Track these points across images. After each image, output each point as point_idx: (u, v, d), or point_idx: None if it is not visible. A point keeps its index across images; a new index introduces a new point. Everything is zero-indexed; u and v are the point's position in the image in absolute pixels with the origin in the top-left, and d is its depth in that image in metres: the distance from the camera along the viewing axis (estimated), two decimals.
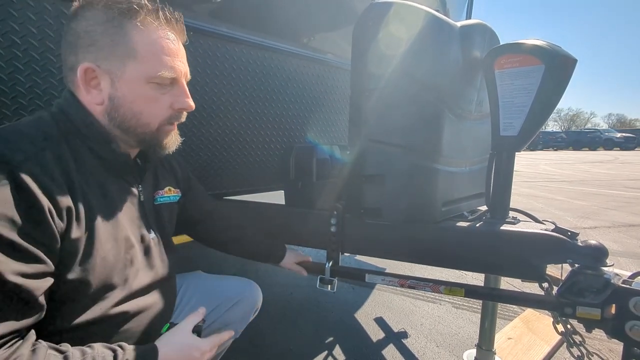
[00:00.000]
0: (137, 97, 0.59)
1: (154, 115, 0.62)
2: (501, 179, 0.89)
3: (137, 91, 0.59)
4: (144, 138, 0.63)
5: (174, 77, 0.61)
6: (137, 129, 0.61)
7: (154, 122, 0.62)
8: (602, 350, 1.42)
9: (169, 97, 0.62)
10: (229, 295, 0.91)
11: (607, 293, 0.71)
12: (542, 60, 0.77)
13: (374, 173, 0.91)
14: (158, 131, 0.63)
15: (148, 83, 0.59)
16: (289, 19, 1.31)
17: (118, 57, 0.57)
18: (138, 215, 0.68)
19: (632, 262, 2.44)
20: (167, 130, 0.65)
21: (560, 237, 0.77)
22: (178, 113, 0.65)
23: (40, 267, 0.48)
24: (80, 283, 0.54)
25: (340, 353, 1.41)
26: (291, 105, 1.44)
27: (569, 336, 0.84)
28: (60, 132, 0.56)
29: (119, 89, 0.58)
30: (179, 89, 0.64)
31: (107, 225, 0.59)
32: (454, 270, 2.01)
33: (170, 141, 0.66)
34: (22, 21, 0.79)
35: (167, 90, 0.62)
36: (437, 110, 0.87)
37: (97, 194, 0.58)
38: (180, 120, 0.67)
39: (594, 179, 7.45)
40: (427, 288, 0.90)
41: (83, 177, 0.56)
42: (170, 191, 0.79)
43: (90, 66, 0.56)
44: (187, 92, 0.65)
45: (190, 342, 0.63)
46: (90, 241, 0.55)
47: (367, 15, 0.87)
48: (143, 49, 0.57)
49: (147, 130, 0.62)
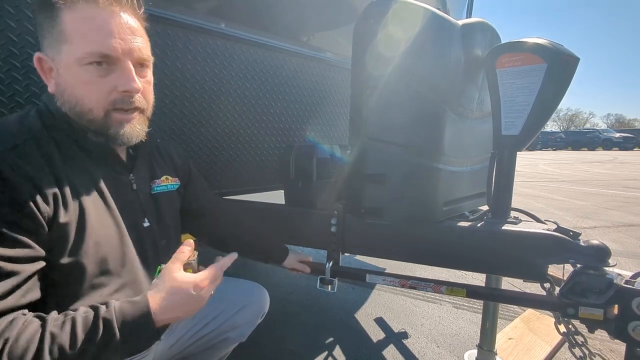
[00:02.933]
0: (76, 82, 0.56)
1: (95, 99, 0.57)
2: (502, 179, 0.89)
3: (74, 75, 0.56)
4: (95, 126, 0.59)
5: (107, 54, 0.55)
6: (84, 116, 0.58)
7: (98, 107, 0.57)
8: (603, 350, 1.41)
9: (111, 79, 0.57)
10: (236, 299, 0.90)
11: (610, 293, 0.71)
12: (545, 58, 0.77)
13: (375, 172, 0.91)
14: (106, 118, 0.58)
15: (82, 65, 0.55)
16: (288, 17, 1.30)
17: (55, 42, 0.56)
18: (131, 204, 0.67)
19: (632, 262, 2.44)
20: (118, 118, 0.59)
21: (562, 237, 0.77)
22: (123, 96, 0.58)
23: (26, 251, 0.49)
24: (74, 267, 0.55)
25: (340, 353, 1.40)
26: (291, 105, 1.43)
27: (571, 336, 0.84)
28: (44, 125, 0.57)
29: (61, 75, 0.57)
30: (123, 70, 0.58)
31: (98, 211, 0.59)
32: (454, 270, 2.01)
33: (128, 132, 0.60)
34: (19, 18, 0.79)
35: (108, 72, 0.57)
36: (439, 109, 0.87)
37: (85, 182, 0.58)
38: (135, 106, 0.60)
39: (593, 178, 7.46)
40: (429, 288, 0.89)
41: (69, 167, 0.57)
42: (167, 180, 0.78)
43: (40, 55, 0.57)
44: (131, 72, 0.58)
45: (182, 278, 0.57)
46: (82, 226, 0.55)
47: (368, 14, 0.87)
48: (71, 30, 0.54)
49: (94, 117, 0.58)
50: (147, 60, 0.63)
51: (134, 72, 0.59)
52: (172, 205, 0.79)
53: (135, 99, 0.60)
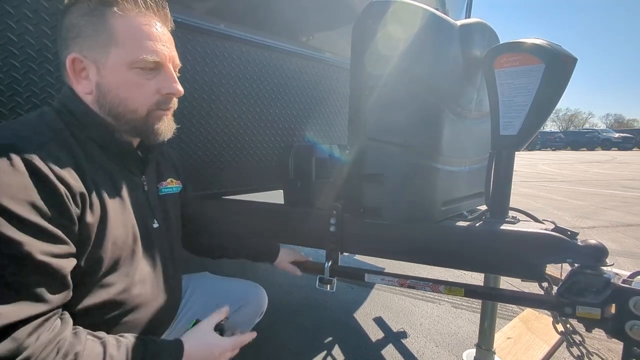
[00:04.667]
0: (122, 83, 0.59)
1: (141, 100, 0.61)
2: (501, 178, 0.89)
3: (121, 77, 0.59)
4: (135, 125, 0.62)
5: (157, 60, 0.60)
6: (126, 116, 0.61)
7: (142, 108, 0.62)
8: (601, 349, 1.42)
9: (156, 82, 0.62)
10: (235, 298, 0.91)
11: (607, 293, 0.71)
12: (542, 59, 0.77)
13: (374, 172, 0.91)
14: (148, 117, 0.63)
15: (132, 68, 0.59)
16: (287, 17, 1.30)
17: (101, 45, 0.58)
18: (142, 204, 0.68)
19: (631, 262, 2.45)
20: (158, 115, 0.64)
21: (560, 237, 0.77)
22: (166, 98, 0.64)
23: (65, 247, 0.50)
24: (90, 267, 0.55)
25: (340, 353, 1.41)
26: (290, 105, 1.43)
27: (569, 336, 0.84)
28: (64, 124, 0.58)
29: (104, 77, 0.59)
30: (166, 74, 0.63)
31: (116, 211, 0.60)
32: (452, 269, 2.02)
33: (163, 127, 0.65)
34: (18, 18, 0.79)
35: (153, 76, 0.61)
36: (437, 109, 0.87)
37: (105, 182, 0.60)
38: (170, 107, 0.66)
39: (592, 178, 7.47)
40: (427, 288, 0.89)
41: (91, 165, 0.58)
42: (172, 182, 0.80)
43: (77, 56, 0.58)
44: (174, 76, 0.64)
45: (212, 340, 0.64)
46: (103, 226, 0.57)
47: (367, 14, 0.87)
48: (124, 35, 0.58)
49: (136, 117, 0.62)
50: (178, 67, 0.68)
51: (175, 76, 0.65)
52: (176, 207, 0.81)
53: (173, 102, 0.66)
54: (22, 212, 0.45)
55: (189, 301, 0.86)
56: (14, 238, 0.44)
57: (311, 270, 1.05)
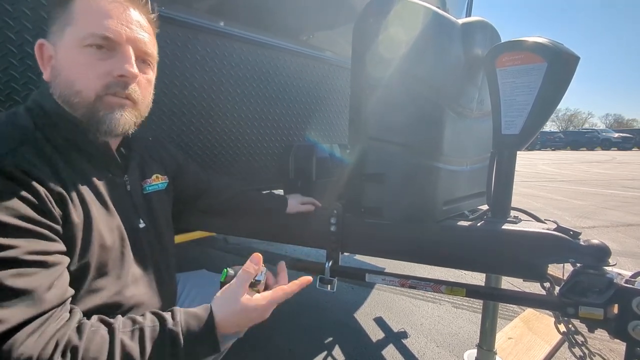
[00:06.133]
0: (72, 63, 0.55)
1: (88, 81, 0.55)
2: (502, 178, 0.88)
3: (72, 57, 0.55)
4: (83, 112, 0.57)
5: (107, 35, 0.55)
6: (72, 99, 0.56)
7: (89, 90, 0.55)
8: (603, 350, 1.41)
9: (108, 64, 0.56)
10: None
11: (610, 293, 0.71)
12: (545, 57, 0.76)
13: (375, 172, 0.90)
14: (96, 102, 0.56)
15: (83, 47, 0.55)
16: (288, 16, 1.30)
17: (60, 26, 0.56)
18: (126, 205, 0.67)
19: (631, 262, 2.44)
20: (109, 102, 0.57)
21: (562, 237, 0.76)
22: (118, 81, 0.57)
23: (55, 244, 0.49)
24: (80, 273, 0.54)
25: (340, 353, 1.40)
26: (290, 104, 1.43)
27: (571, 336, 0.83)
28: (36, 125, 0.55)
29: (58, 58, 0.56)
30: (122, 54, 0.57)
31: (100, 214, 0.58)
32: (453, 269, 2.01)
33: (117, 117, 0.58)
34: (16, 16, 0.78)
35: (107, 57, 0.56)
36: (438, 108, 0.86)
37: (85, 185, 0.58)
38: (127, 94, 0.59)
39: (592, 178, 7.47)
40: (428, 288, 0.89)
41: (68, 168, 0.56)
42: (157, 179, 0.78)
43: (42, 42, 0.57)
44: (130, 58, 0.58)
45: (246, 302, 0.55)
46: (88, 230, 0.55)
47: (368, 12, 0.86)
48: (79, 13, 0.55)
49: (83, 101, 0.56)
50: (149, 56, 0.63)
51: (133, 59, 0.58)
52: (163, 204, 0.79)
53: (130, 88, 0.59)
54: (5, 218, 0.44)
55: (187, 299, 0.85)
56: (3, 243, 0.43)
57: (311, 270, 1.05)
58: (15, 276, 0.43)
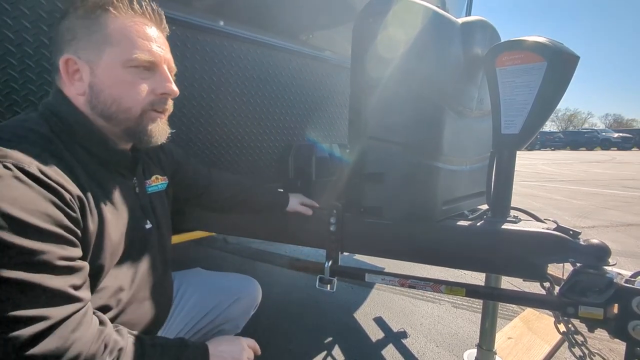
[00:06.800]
0: (115, 82, 0.59)
1: (135, 99, 0.60)
2: (502, 178, 0.88)
3: (115, 76, 0.59)
4: (128, 126, 0.62)
5: (151, 59, 0.60)
6: (118, 115, 0.60)
7: (136, 107, 0.61)
8: (602, 349, 1.41)
9: (150, 83, 0.62)
10: (229, 292, 0.91)
11: (610, 293, 0.71)
12: (544, 57, 0.76)
13: (374, 171, 0.90)
14: (141, 117, 0.62)
15: (126, 67, 0.59)
16: (287, 15, 1.30)
17: (95, 45, 0.58)
18: (135, 207, 0.68)
19: (631, 262, 2.44)
20: (152, 117, 0.63)
21: (562, 236, 0.76)
22: (161, 99, 0.64)
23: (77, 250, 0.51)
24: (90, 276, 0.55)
25: (340, 353, 1.40)
26: (290, 103, 1.43)
27: (571, 336, 0.83)
28: (53, 132, 0.56)
29: (97, 76, 0.58)
30: (160, 74, 0.63)
31: (112, 219, 0.60)
32: (453, 269, 2.01)
33: (157, 129, 0.64)
34: (15, 15, 0.78)
35: (148, 76, 0.61)
36: (438, 107, 0.86)
37: (99, 189, 0.59)
38: (165, 109, 0.66)
39: (592, 178, 7.48)
40: (428, 288, 0.89)
41: (84, 173, 0.57)
42: (157, 180, 0.79)
43: (70, 57, 0.58)
44: (169, 77, 0.64)
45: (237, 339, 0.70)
46: (100, 235, 0.56)
47: (367, 12, 0.86)
48: (118, 34, 0.58)
49: (130, 116, 0.61)
50: (174, 71, 0.68)
51: (171, 77, 0.65)
52: (163, 205, 0.80)
53: (168, 103, 0.66)
54: (39, 223, 0.46)
55: (183, 298, 0.86)
56: (38, 248, 0.45)
57: (311, 270, 1.05)
58: (49, 278, 0.46)
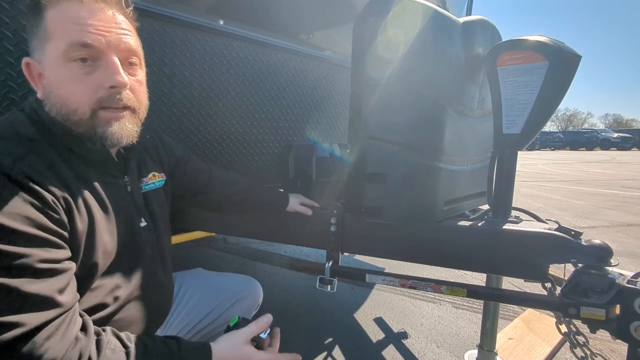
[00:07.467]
0: (61, 80, 0.53)
1: (81, 98, 0.54)
2: (503, 178, 0.88)
3: (59, 73, 0.53)
4: (84, 129, 0.56)
5: (89, 42, 0.52)
6: (70, 118, 0.55)
7: (83, 108, 0.54)
8: (604, 350, 1.41)
9: (96, 76, 0.54)
10: (231, 292, 0.91)
11: (612, 293, 0.70)
12: (546, 56, 0.76)
13: (375, 171, 0.90)
14: (93, 118, 0.55)
15: (68, 62, 0.53)
16: (288, 15, 1.29)
17: (40, 42, 0.54)
18: (128, 206, 0.67)
19: (632, 262, 2.44)
20: (105, 117, 0.56)
21: (564, 237, 0.76)
22: (110, 93, 0.55)
23: (63, 252, 0.50)
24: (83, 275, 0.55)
25: (340, 354, 1.40)
26: (290, 103, 1.42)
27: (573, 337, 0.83)
28: (39, 133, 0.55)
29: (47, 77, 0.54)
30: (107, 63, 0.55)
31: (103, 219, 0.59)
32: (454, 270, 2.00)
33: (118, 131, 0.57)
34: (14, 14, 0.77)
35: (93, 69, 0.54)
36: (439, 107, 0.86)
37: (88, 190, 0.58)
38: (121, 106, 0.57)
39: (592, 178, 7.48)
40: (429, 288, 0.88)
41: (72, 174, 0.56)
42: (154, 177, 0.77)
43: (28, 60, 0.55)
44: (116, 66, 0.55)
45: (245, 352, 0.62)
46: (91, 235, 0.56)
47: (368, 11, 0.86)
48: (54, 26, 0.52)
49: (81, 119, 0.55)
50: (135, 54, 0.60)
51: (120, 67, 0.56)
52: (161, 202, 0.79)
53: (124, 97, 0.57)
54: (19, 226, 0.45)
55: (184, 298, 0.86)
56: (18, 252, 0.44)
57: (311, 271, 1.04)
58: (29, 283, 0.45)
